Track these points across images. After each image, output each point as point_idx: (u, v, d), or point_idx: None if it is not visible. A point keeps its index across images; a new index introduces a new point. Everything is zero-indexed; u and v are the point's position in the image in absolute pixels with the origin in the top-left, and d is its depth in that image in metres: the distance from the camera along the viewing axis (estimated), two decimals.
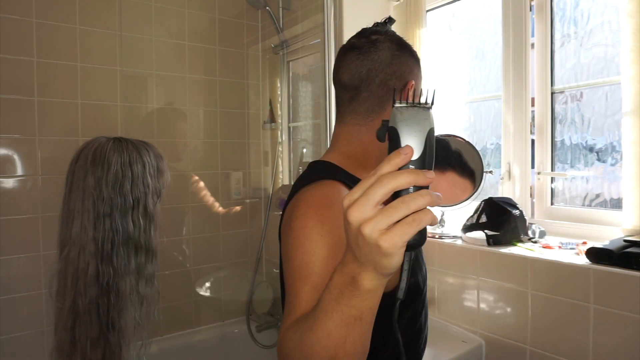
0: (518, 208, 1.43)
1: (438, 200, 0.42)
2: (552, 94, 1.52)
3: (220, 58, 2.23)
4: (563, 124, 1.51)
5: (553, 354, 1.22)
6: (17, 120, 1.69)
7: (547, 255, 1.25)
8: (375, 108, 0.81)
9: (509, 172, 1.59)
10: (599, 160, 1.43)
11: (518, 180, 1.57)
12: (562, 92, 1.51)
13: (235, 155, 2.34)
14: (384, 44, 0.80)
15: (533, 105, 1.55)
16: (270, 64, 2.43)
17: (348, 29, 1.79)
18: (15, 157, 1.69)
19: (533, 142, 1.55)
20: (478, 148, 1.76)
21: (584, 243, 1.28)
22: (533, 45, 1.54)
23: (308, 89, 2.32)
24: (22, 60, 1.69)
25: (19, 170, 1.70)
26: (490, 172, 1.54)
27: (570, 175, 1.49)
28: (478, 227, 1.46)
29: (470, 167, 1.55)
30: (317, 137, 2.20)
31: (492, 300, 1.38)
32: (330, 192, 0.73)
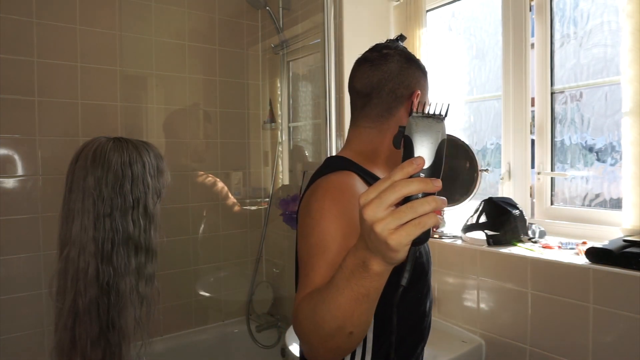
0: (518, 208, 1.43)
1: (442, 205, 0.48)
2: (552, 94, 1.52)
3: (220, 58, 2.23)
4: (563, 124, 1.51)
5: (553, 354, 1.22)
6: (17, 120, 1.69)
7: (547, 255, 1.25)
8: (385, 113, 0.90)
9: (509, 172, 1.59)
10: (599, 160, 1.43)
11: (518, 180, 1.57)
12: (562, 92, 1.51)
13: (235, 155, 2.34)
14: (394, 57, 0.90)
15: (533, 105, 1.55)
16: (270, 64, 2.43)
17: (348, 29, 1.79)
18: (16, 157, 1.69)
19: (533, 142, 1.55)
20: (478, 148, 1.76)
21: (584, 243, 1.28)
22: (533, 45, 1.54)
23: (308, 89, 2.32)
24: (22, 60, 1.69)
25: (19, 170, 1.70)
26: (486, 170, 1.54)
27: (570, 175, 1.49)
28: (478, 227, 1.46)
29: (467, 166, 1.55)
30: (317, 137, 2.20)
31: (492, 300, 1.38)
32: (345, 179, 0.81)
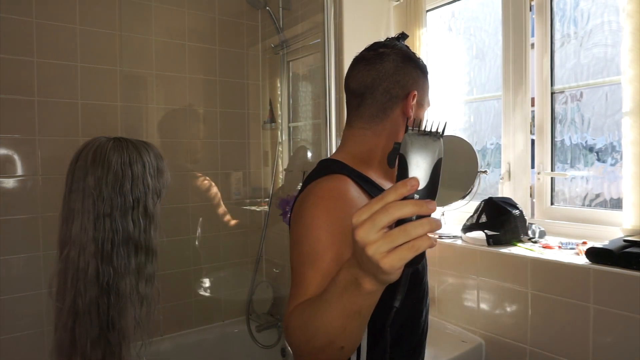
0: (518, 208, 1.43)
1: (437, 228, 0.47)
2: (552, 94, 1.52)
3: (220, 58, 2.23)
4: (563, 124, 1.51)
5: (553, 354, 1.22)
6: (17, 120, 1.69)
7: (547, 255, 1.25)
8: (379, 114, 0.88)
9: (509, 172, 1.59)
10: (599, 160, 1.43)
11: (518, 180, 1.57)
12: (562, 92, 1.51)
13: (235, 155, 2.34)
14: (390, 57, 0.88)
15: (533, 105, 1.55)
16: (270, 64, 2.43)
17: (348, 29, 1.79)
18: (16, 157, 1.69)
19: (533, 142, 1.55)
20: (478, 148, 1.76)
21: (584, 243, 1.28)
22: (533, 45, 1.54)
23: (308, 89, 2.32)
24: (22, 60, 1.69)
25: (19, 170, 1.70)
26: (485, 172, 1.54)
27: (570, 175, 1.49)
28: (478, 227, 1.46)
29: (466, 166, 1.55)
30: (317, 137, 2.20)
31: (492, 300, 1.38)
32: (338, 185, 0.80)
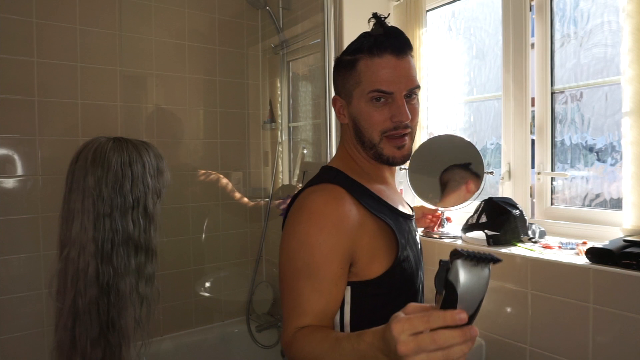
0: (518, 208, 1.43)
1: (472, 345, 0.51)
2: (552, 94, 1.52)
3: (220, 58, 2.23)
4: (563, 124, 1.51)
5: (553, 354, 1.22)
6: (17, 120, 1.69)
7: (547, 255, 1.25)
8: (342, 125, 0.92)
9: (509, 172, 1.59)
10: (599, 160, 1.43)
11: (518, 180, 1.57)
12: (562, 92, 1.51)
13: (235, 155, 2.34)
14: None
15: (533, 105, 1.55)
16: (270, 64, 2.43)
17: (348, 29, 1.79)
18: (16, 157, 1.69)
19: (533, 142, 1.55)
20: (478, 148, 1.76)
21: (584, 243, 1.28)
22: (533, 45, 1.54)
23: (308, 89, 2.32)
24: (22, 60, 1.69)
25: (19, 170, 1.70)
26: (491, 172, 1.54)
27: (570, 175, 1.49)
28: (478, 227, 1.46)
29: (473, 169, 1.56)
30: (317, 137, 2.20)
31: (492, 300, 1.38)
32: (330, 197, 0.80)
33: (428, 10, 1.87)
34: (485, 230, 1.42)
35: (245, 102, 2.36)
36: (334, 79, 0.90)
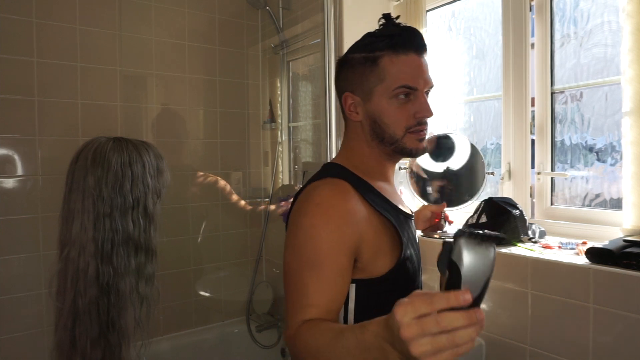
0: (518, 208, 1.43)
1: (480, 331, 0.49)
2: (552, 94, 1.52)
3: (220, 58, 2.23)
4: (563, 124, 1.51)
5: (553, 354, 1.22)
6: (17, 120, 1.69)
7: (547, 255, 1.25)
8: (345, 122, 0.93)
9: (509, 172, 1.59)
10: (599, 160, 1.43)
11: (518, 180, 1.57)
12: (562, 92, 1.51)
13: (235, 155, 2.34)
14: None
15: (533, 105, 1.55)
16: (270, 64, 2.43)
17: (348, 29, 1.79)
18: (16, 157, 1.69)
19: (533, 142, 1.55)
20: (478, 148, 1.76)
21: (584, 243, 1.28)
22: (533, 45, 1.54)
23: (308, 89, 2.32)
24: (22, 60, 1.69)
25: (19, 170, 1.70)
26: (492, 173, 1.55)
27: (570, 175, 1.49)
28: (478, 227, 1.46)
29: (473, 168, 1.56)
30: (317, 137, 2.20)
31: (492, 300, 1.38)
32: (337, 191, 0.81)
33: (428, 10, 1.87)
34: (485, 230, 1.42)
35: (245, 102, 2.36)
36: (342, 77, 0.89)
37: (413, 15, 1.78)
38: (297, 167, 2.30)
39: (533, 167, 1.55)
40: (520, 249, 1.33)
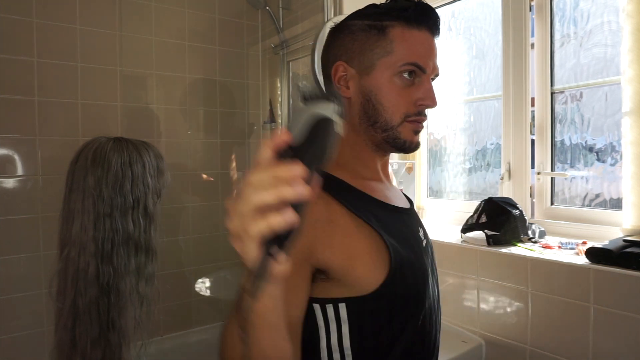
0: (518, 208, 1.43)
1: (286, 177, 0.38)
2: (552, 94, 1.52)
3: (220, 58, 2.23)
4: (563, 124, 1.51)
5: (553, 354, 1.22)
6: (17, 120, 1.69)
7: (547, 255, 1.25)
8: None
9: (509, 172, 1.59)
10: (599, 160, 1.43)
11: (518, 180, 1.57)
12: (562, 92, 1.51)
13: (235, 155, 2.34)
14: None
15: (533, 105, 1.55)
16: (270, 64, 2.43)
17: None
18: (16, 157, 1.69)
19: (533, 142, 1.55)
20: (478, 148, 1.76)
21: (584, 243, 1.28)
22: (533, 45, 1.54)
23: None
24: (22, 60, 1.69)
25: (19, 170, 1.70)
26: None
27: (570, 175, 1.49)
28: (478, 227, 1.46)
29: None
30: None
31: (492, 300, 1.38)
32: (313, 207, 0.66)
33: None
34: (485, 230, 1.42)
35: (245, 102, 2.36)
36: (337, 44, 0.75)
37: None
38: None
39: (533, 167, 1.55)
40: (520, 249, 1.33)
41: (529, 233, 1.41)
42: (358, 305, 0.67)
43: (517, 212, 1.40)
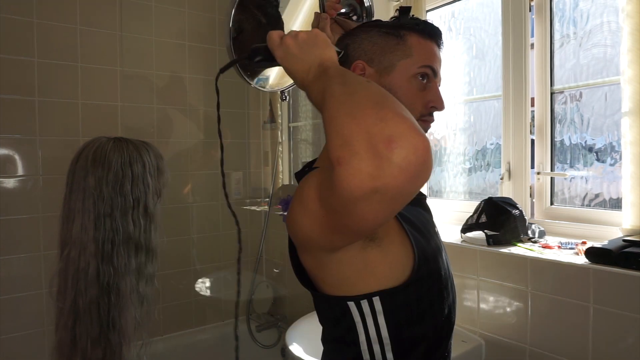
0: (518, 208, 1.43)
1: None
2: (551, 94, 1.52)
3: (220, 58, 2.23)
4: (562, 124, 1.51)
5: (553, 354, 1.23)
6: (17, 120, 1.69)
7: (546, 255, 1.26)
8: None
9: (509, 171, 1.59)
10: (599, 160, 1.43)
11: (518, 180, 1.57)
12: (561, 92, 1.51)
13: (235, 155, 2.34)
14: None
15: (533, 105, 1.55)
16: None
17: None
18: (16, 157, 1.70)
19: (533, 142, 1.55)
20: (478, 148, 1.77)
21: (584, 243, 1.29)
22: (533, 45, 1.54)
23: None
24: (22, 60, 1.69)
25: (20, 170, 1.70)
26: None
27: (570, 175, 1.49)
28: (478, 227, 1.46)
29: None
30: (317, 137, 2.20)
31: (492, 300, 1.38)
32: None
33: (428, 10, 1.87)
34: (485, 230, 1.43)
35: (245, 102, 2.36)
36: (356, 46, 0.79)
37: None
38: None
39: (533, 167, 1.55)
40: (520, 249, 1.34)
41: (529, 233, 1.42)
42: (390, 298, 0.71)
43: (517, 212, 1.41)
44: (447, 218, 1.81)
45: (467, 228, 1.50)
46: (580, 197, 1.48)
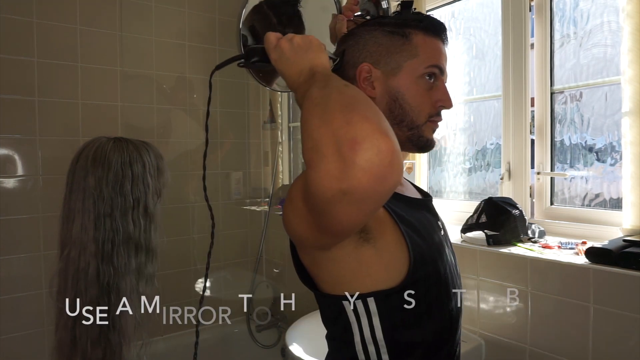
0: (518, 208, 1.43)
1: None
2: (551, 94, 1.52)
3: (220, 58, 2.23)
4: (562, 124, 1.51)
5: (553, 354, 1.22)
6: (17, 120, 1.69)
7: (546, 255, 1.26)
8: None
9: (509, 172, 1.59)
10: (599, 160, 1.43)
11: (518, 180, 1.57)
12: (561, 92, 1.51)
13: (235, 155, 2.34)
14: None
15: (533, 105, 1.55)
16: None
17: None
18: (16, 157, 1.70)
19: (533, 142, 1.55)
20: (478, 148, 1.77)
21: (584, 243, 1.29)
22: (533, 45, 1.54)
23: None
24: (22, 60, 1.69)
25: (20, 170, 1.70)
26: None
27: (570, 175, 1.49)
28: (478, 227, 1.46)
29: None
30: None
31: (492, 300, 1.38)
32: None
33: (428, 10, 1.87)
34: (485, 230, 1.43)
35: (245, 102, 2.36)
36: (360, 48, 0.78)
37: None
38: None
39: (533, 167, 1.55)
40: (520, 249, 1.34)
41: (529, 233, 1.42)
42: (385, 299, 0.69)
43: (517, 212, 1.41)
44: (447, 218, 1.81)
45: (467, 228, 1.50)
46: (581, 197, 1.48)
